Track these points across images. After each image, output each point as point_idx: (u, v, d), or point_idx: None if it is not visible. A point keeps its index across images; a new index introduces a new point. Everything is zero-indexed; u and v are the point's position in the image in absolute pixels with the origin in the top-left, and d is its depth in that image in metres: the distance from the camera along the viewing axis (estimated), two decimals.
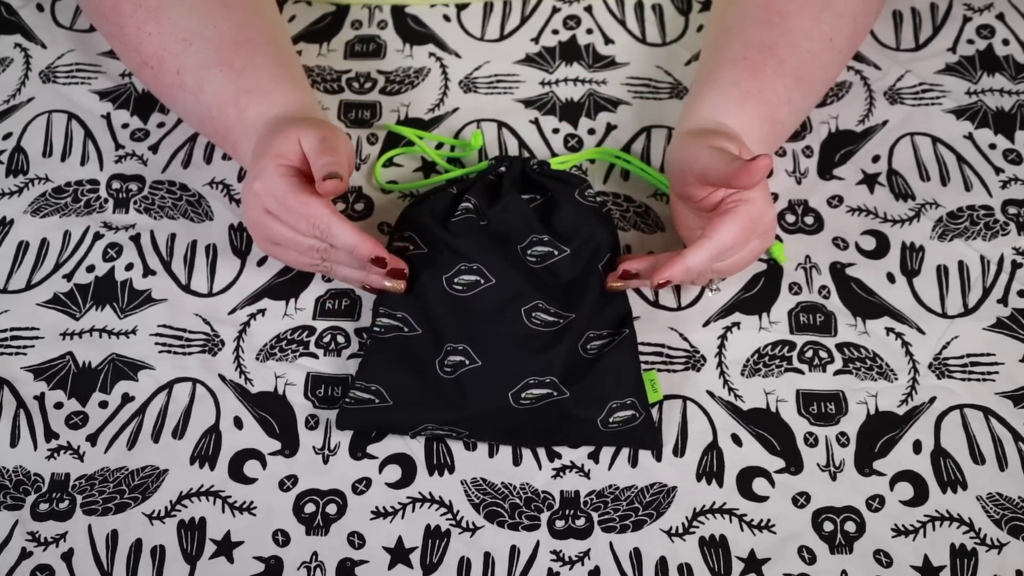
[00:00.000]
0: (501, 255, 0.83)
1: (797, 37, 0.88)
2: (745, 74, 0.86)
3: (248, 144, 0.85)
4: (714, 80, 0.87)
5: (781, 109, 0.87)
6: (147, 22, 0.88)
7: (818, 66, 0.89)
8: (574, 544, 0.78)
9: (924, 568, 0.76)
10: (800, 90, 0.88)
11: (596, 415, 0.79)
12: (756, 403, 0.83)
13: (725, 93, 0.86)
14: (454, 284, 0.82)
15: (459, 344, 0.80)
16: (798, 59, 0.87)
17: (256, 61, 0.87)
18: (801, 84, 0.88)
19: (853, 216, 0.92)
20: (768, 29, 0.88)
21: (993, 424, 0.82)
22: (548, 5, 1.05)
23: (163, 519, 0.78)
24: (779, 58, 0.87)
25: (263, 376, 0.84)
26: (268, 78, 0.87)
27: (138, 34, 0.88)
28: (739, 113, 0.85)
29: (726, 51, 0.88)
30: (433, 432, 0.80)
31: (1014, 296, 0.88)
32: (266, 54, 0.88)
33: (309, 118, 0.84)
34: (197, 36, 0.87)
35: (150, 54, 0.88)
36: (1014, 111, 0.98)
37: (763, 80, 0.86)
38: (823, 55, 0.89)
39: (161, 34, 0.88)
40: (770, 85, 0.86)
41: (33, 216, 0.92)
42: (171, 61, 0.88)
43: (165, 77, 0.89)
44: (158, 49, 0.88)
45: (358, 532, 0.78)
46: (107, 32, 0.92)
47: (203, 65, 0.87)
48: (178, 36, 0.87)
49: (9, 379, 0.84)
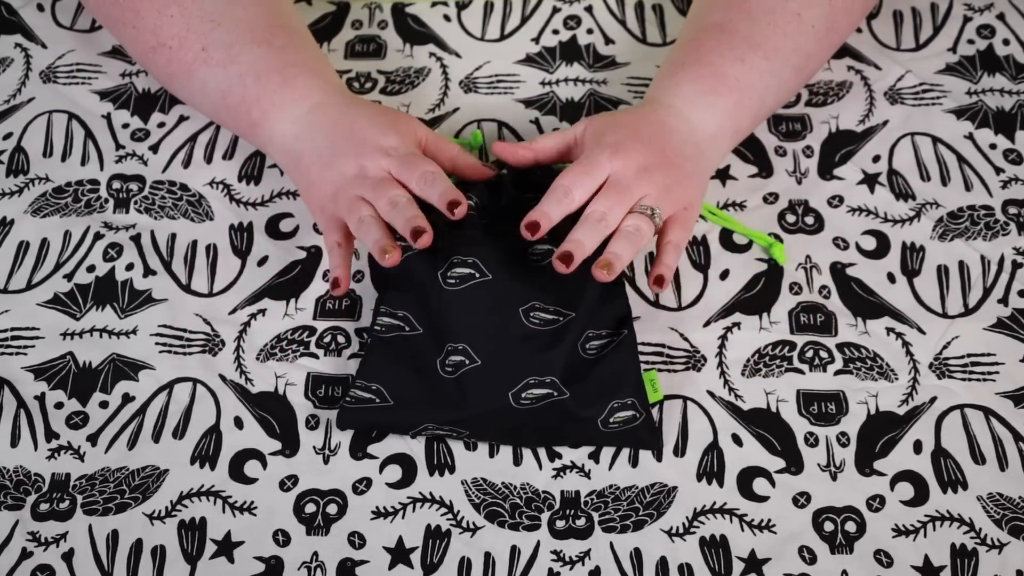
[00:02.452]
0: (499, 251, 0.83)
1: (756, 14, 0.89)
2: (694, 54, 0.89)
3: (286, 113, 0.86)
4: (664, 65, 0.91)
5: (730, 67, 0.87)
6: (169, 5, 0.88)
7: (782, 35, 0.89)
8: (574, 544, 0.78)
9: (925, 568, 0.76)
10: (757, 52, 0.88)
11: (596, 415, 0.79)
12: (757, 403, 0.83)
13: (671, 73, 0.89)
14: (448, 278, 0.82)
15: (459, 344, 0.80)
16: (752, 28, 0.88)
17: (295, 42, 0.89)
18: (757, 48, 0.88)
19: (853, 216, 0.92)
20: (725, 11, 0.90)
21: (993, 424, 0.82)
22: (548, 5, 1.05)
23: (163, 519, 0.78)
24: (729, 32, 0.88)
25: (263, 376, 0.84)
26: (314, 56, 0.89)
27: (158, 17, 0.88)
28: (688, 87, 0.87)
29: (681, 38, 0.92)
30: (434, 432, 0.80)
31: (1014, 296, 0.88)
32: (304, 37, 0.91)
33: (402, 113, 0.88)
34: (226, 18, 0.88)
35: (170, 35, 0.88)
36: (1014, 111, 0.98)
37: (703, 50, 0.88)
38: (788, 26, 0.89)
39: (185, 15, 0.88)
40: (725, 60, 0.87)
41: (33, 216, 0.92)
42: (196, 39, 0.88)
43: (186, 54, 0.88)
44: (180, 29, 0.88)
45: (358, 532, 0.78)
46: (117, 18, 0.91)
47: (236, 41, 0.87)
48: (205, 17, 0.88)
49: (9, 379, 0.84)
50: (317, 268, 0.89)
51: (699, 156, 0.85)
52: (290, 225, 0.92)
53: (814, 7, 0.90)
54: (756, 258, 0.90)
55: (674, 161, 0.83)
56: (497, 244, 0.83)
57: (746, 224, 0.91)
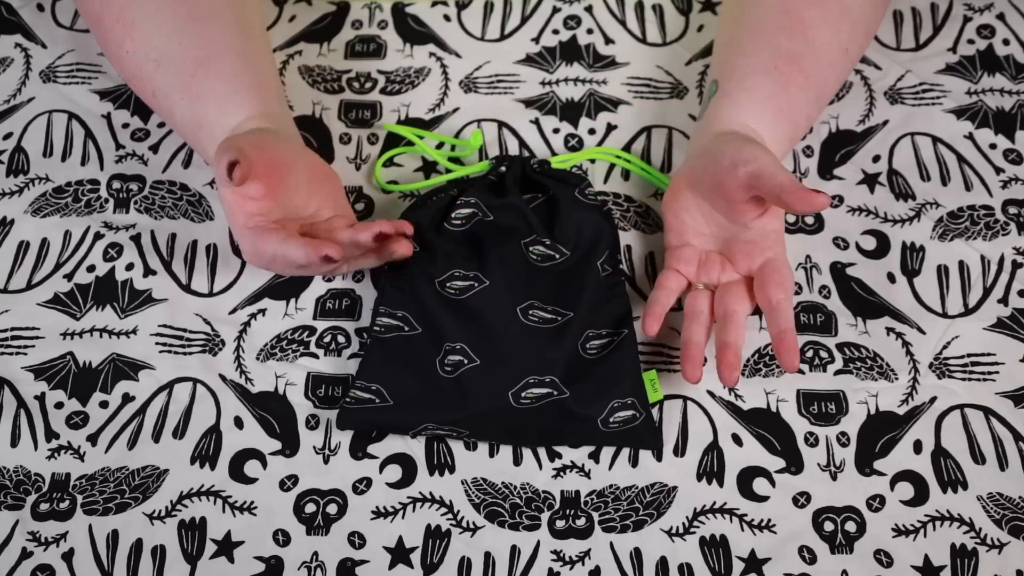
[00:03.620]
0: (497, 256, 0.83)
1: (819, 48, 0.87)
2: (777, 88, 0.85)
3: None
4: (749, 88, 0.86)
5: (801, 126, 0.88)
6: (124, 39, 0.87)
7: (835, 79, 0.89)
8: (574, 544, 0.78)
9: (925, 568, 0.76)
10: (818, 105, 0.89)
11: (596, 415, 0.79)
12: (756, 403, 0.83)
13: (763, 106, 0.85)
14: (447, 287, 0.82)
15: (457, 343, 0.80)
16: (819, 73, 0.87)
17: (208, 85, 0.85)
18: (820, 100, 0.88)
19: (853, 216, 0.92)
20: (792, 38, 0.87)
21: (993, 424, 0.82)
22: (548, 5, 1.05)
23: (163, 519, 0.78)
24: (804, 72, 0.86)
25: (263, 376, 0.84)
26: (215, 105, 0.85)
27: (118, 51, 0.88)
28: (774, 130, 0.85)
29: (754, 58, 0.87)
30: (433, 432, 0.80)
31: (1014, 296, 0.88)
32: (219, 73, 0.85)
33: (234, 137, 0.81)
34: (164, 56, 0.86)
35: (129, 73, 0.89)
36: (1014, 111, 0.98)
37: (792, 96, 0.86)
38: (840, 67, 0.89)
39: (135, 52, 0.87)
40: (797, 102, 0.86)
41: (33, 216, 0.92)
42: (146, 82, 0.87)
43: (145, 96, 0.89)
44: (135, 69, 0.88)
45: (358, 532, 0.78)
46: (96, 38, 0.92)
47: (170, 90, 0.86)
48: (149, 56, 0.86)
49: (9, 379, 0.84)
50: None
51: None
52: None
53: (856, 38, 0.90)
54: None
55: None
56: (496, 246, 0.83)
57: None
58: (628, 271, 0.89)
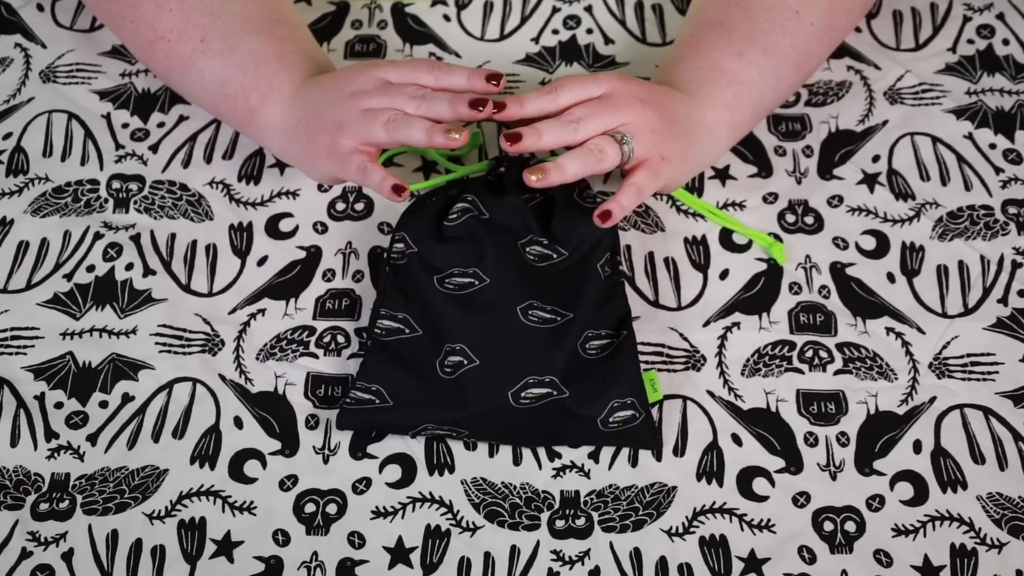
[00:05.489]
0: (496, 255, 0.83)
1: (755, 11, 0.89)
2: (687, 46, 0.90)
3: (284, 95, 0.86)
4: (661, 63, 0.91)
5: (728, 62, 0.88)
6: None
7: (780, 31, 0.89)
8: (574, 544, 0.78)
9: (924, 568, 0.76)
10: (755, 48, 0.88)
11: (596, 415, 0.79)
12: (756, 403, 0.83)
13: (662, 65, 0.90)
14: (445, 283, 0.82)
15: (457, 344, 0.80)
16: (751, 25, 0.89)
17: (296, 35, 0.90)
18: (755, 44, 0.88)
19: (853, 216, 0.92)
20: (723, 9, 0.90)
21: (993, 424, 0.82)
22: (548, 5, 1.05)
23: (163, 519, 0.78)
24: (727, 28, 0.89)
25: (263, 376, 0.84)
26: (314, 48, 0.90)
27: (157, 11, 0.88)
28: (669, 75, 0.88)
29: (679, 37, 0.92)
30: (433, 432, 0.80)
31: (1014, 296, 0.88)
32: (303, 30, 0.92)
33: None
34: (225, 11, 0.88)
35: (168, 28, 0.88)
36: (1014, 111, 0.98)
37: (701, 45, 0.89)
38: (786, 23, 0.89)
39: (184, 9, 0.88)
40: (710, 47, 0.88)
41: (33, 216, 0.92)
42: (194, 32, 0.88)
43: (184, 47, 0.88)
44: (179, 23, 0.88)
45: (358, 532, 0.78)
46: (116, 13, 0.91)
47: (236, 32, 0.88)
48: (204, 11, 0.88)
49: (9, 379, 0.84)
50: (317, 268, 0.89)
51: (692, 134, 0.86)
52: (290, 225, 0.92)
53: (813, 5, 0.90)
54: (756, 258, 0.90)
55: (670, 116, 0.84)
56: (496, 247, 0.83)
57: (746, 224, 0.91)
58: (628, 271, 0.89)
